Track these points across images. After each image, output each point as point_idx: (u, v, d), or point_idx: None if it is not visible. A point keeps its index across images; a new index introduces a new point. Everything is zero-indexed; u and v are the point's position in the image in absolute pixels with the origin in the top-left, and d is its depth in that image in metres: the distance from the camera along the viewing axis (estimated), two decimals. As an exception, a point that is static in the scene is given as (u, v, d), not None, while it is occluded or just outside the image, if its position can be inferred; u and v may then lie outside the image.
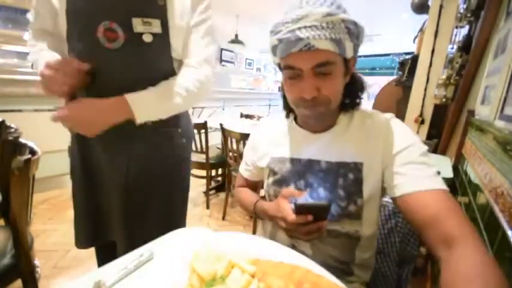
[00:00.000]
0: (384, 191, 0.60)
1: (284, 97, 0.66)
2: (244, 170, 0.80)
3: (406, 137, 0.55)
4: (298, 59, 0.51)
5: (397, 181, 0.52)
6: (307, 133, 0.65)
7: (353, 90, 0.61)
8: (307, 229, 0.53)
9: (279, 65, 0.59)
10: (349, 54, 0.52)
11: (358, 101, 0.62)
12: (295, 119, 0.69)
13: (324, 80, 0.52)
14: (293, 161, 0.65)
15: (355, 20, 0.50)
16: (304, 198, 0.57)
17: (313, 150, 0.63)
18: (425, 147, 0.54)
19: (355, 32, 0.51)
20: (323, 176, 0.61)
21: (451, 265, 0.39)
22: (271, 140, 0.71)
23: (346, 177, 0.58)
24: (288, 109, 0.69)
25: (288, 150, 0.67)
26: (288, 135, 0.69)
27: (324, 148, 0.62)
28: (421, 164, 0.51)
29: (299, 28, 0.48)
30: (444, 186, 0.48)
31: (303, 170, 0.64)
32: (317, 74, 0.52)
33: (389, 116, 0.60)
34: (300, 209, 0.52)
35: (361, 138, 0.59)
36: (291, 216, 0.53)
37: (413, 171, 0.51)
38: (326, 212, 0.52)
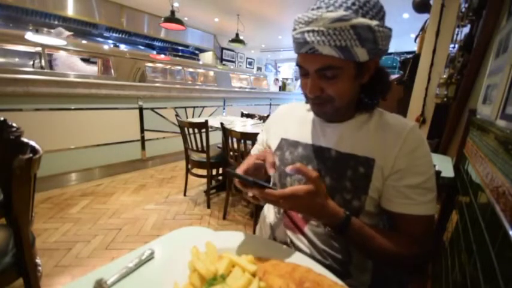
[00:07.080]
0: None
1: None
2: (256, 150, 0.83)
3: (423, 160, 0.56)
4: (305, 60, 0.55)
5: (398, 199, 0.56)
6: (322, 121, 0.66)
7: (371, 89, 0.60)
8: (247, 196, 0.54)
9: None
10: (362, 58, 0.51)
11: (375, 102, 0.62)
12: None
13: (328, 81, 0.54)
14: (304, 145, 0.67)
15: (372, 25, 0.48)
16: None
17: (326, 138, 0.64)
18: (433, 166, 0.57)
19: (369, 38, 0.49)
20: (331, 165, 0.61)
21: (394, 235, 0.56)
22: (285, 123, 0.74)
23: (355, 170, 0.58)
24: None
25: (301, 134, 0.68)
26: (303, 121, 0.71)
27: (337, 137, 0.63)
28: (425, 189, 0.55)
29: (308, 31, 0.50)
30: (433, 211, 0.56)
31: (312, 155, 0.64)
32: (321, 76, 0.54)
33: (411, 123, 0.59)
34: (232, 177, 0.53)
35: (377, 136, 0.59)
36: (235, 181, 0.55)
37: (416, 196, 0.55)
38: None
